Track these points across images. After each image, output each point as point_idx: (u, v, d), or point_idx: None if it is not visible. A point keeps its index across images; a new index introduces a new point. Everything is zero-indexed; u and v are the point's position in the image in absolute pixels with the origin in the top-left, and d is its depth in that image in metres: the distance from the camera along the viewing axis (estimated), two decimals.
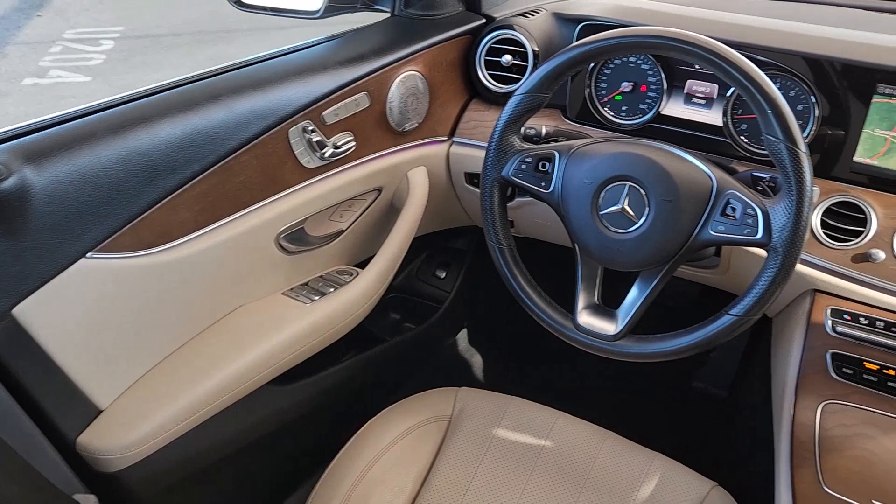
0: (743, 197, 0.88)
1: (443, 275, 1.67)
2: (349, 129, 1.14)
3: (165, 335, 1.03)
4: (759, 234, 0.86)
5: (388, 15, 1.32)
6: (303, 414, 1.32)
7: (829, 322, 1.04)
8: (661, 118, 1.20)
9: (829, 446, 0.96)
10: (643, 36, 0.90)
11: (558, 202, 0.99)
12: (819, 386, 1.02)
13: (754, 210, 0.87)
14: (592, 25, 1.21)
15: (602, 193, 0.94)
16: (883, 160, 1.05)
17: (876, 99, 1.03)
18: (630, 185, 0.93)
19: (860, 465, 0.94)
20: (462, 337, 1.83)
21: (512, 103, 0.99)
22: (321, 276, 1.22)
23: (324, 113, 1.08)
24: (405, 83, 1.19)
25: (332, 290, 1.17)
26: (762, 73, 0.85)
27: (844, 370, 1.01)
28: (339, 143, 1.13)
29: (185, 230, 0.99)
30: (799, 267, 1.05)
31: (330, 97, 1.08)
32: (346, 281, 1.19)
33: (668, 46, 0.89)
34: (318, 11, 1.22)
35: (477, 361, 1.84)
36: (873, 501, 0.90)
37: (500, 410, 1.18)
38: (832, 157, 1.09)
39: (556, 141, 1.11)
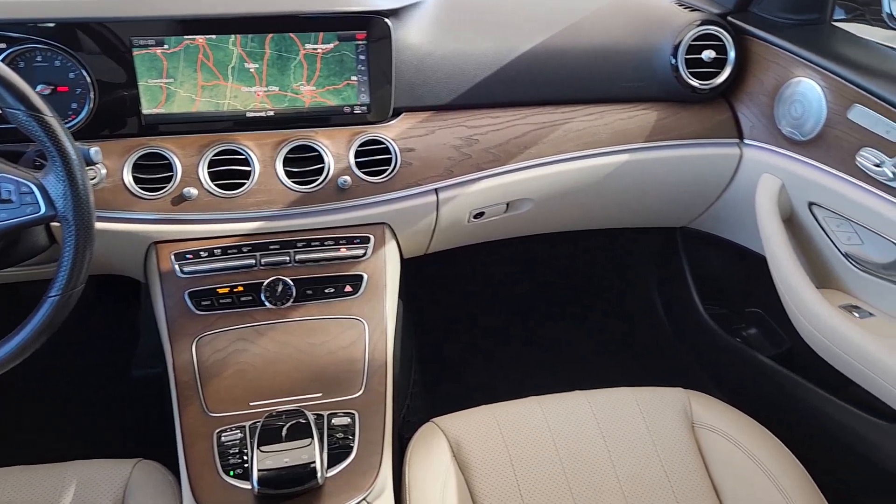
0: (12, 177, 0.83)
1: None
2: None
3: None
4: (43, 210, 0.83)
5: None
6: None
7: (176, 266, 1.09)
8: None
9: (209, 375, 1.02)
10: None
11: None
12: (188, 326, 1.07)
13: (29, 187, 0.83)
14: None
15: None
16: (167, 107, 1.11)
17: (136, 52, 1.08)
18: None
19: (238, 378, 1.03)
20: None
21: None
22: None
23: None
24: None
25: None
26: None
27: (203, 303, 1.08)
28: None
29: None
30: (129, 226, 1.07)
31: None
32: None
33: None
34: None
35: None
36: (251, 403, 1.00)
37: None
38: (125, 116, 1.10)
39: None
